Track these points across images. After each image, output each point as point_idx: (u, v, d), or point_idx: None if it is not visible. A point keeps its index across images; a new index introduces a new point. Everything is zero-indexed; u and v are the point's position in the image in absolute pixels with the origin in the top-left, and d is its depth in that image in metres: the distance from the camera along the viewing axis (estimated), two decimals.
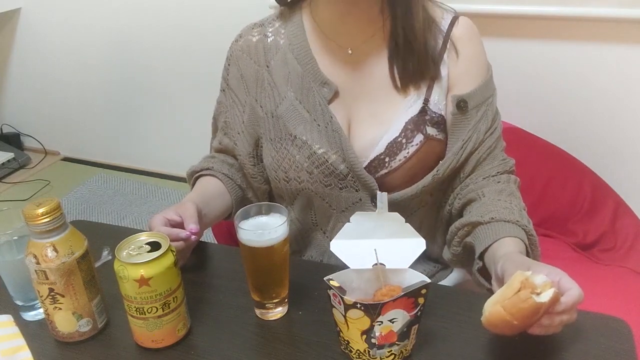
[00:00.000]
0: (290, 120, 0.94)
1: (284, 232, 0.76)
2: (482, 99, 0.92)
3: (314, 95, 0.93)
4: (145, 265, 0.69)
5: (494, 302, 0.65)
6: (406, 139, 0.90)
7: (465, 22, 0.94)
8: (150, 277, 0.70)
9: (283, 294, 0.80)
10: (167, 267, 0.71)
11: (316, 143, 0.92)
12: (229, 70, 1.02)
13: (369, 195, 0.93)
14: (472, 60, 0.93)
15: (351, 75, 0.93)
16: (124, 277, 0.70)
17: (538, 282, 0.65)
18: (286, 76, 0.95)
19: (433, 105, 0.91)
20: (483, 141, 0.93)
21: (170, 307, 0.73)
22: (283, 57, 0.96)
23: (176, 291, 0.73)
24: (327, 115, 0.92)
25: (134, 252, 0.72)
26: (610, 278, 1.38)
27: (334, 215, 0.98)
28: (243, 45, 0.99)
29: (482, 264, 0.85)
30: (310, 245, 1.05)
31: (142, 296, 0.71)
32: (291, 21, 0.97)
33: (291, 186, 0.97)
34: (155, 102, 2.63)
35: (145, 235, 0.74)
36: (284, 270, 0.79)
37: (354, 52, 0.93)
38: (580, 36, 1.66)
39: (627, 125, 1.72)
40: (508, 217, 0.85)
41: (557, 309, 0.66)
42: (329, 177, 0.93)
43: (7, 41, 2.78)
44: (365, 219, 0.77)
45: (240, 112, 1.00)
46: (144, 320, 0.73)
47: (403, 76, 0.91)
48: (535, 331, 0.68)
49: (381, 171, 0.92)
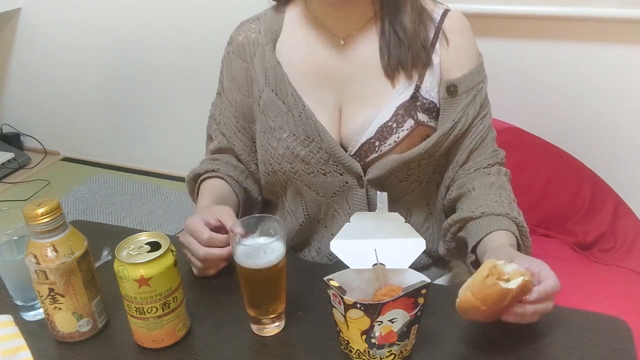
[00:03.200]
0: (269, 113, 0.97)
1: (281, 252, 0.75)
2: (472, 84, 0.94)
3: (286, 85, 0.95)
4: (145, 265, 0.69)
5: (464, 288, 0.69)
6: (397, 124, 0.92)
7: (456, 15, 0.96)
8: (150, 277, 0.70)
9: (280, 309, 0.78)
10: (167, 267, 0.71)
11: (293, 133, 0.94)
12: (223, 73, 1.04)
13: (355, 177, 0.95)
14: (463, 49, 0.95)
15: (344, 62, 0.95)
16: (124, 277, 0.70)
17: (507, 270, 0.68)
18: (264, 70, 0.97)
19: (425, 92, 0.93)
20: (473, 125, 0.95)
21: (170, 307, 0.73)
22: (262, 51, 0.98)
23: (176, 291, 0.73)
24: (300, 104, 0.94)
25: (134, 252, 0.72)
26: (610, 278, 1.38)
27: (324, 202, 1.00)
28: (234, 46, 1.02)
29: (475, 257, 0.88)
30: (309, 238, 1.06)
31: (142, 296, 0.71)
32: (276, 16, 0.99)
33: (278, 178, 1.00)
34: (156, 102, 2.63)
35: (145, 235, 0.74)
36: (280, 286, 0.77)
37: (346, 41, 0.95)
38: (580, 36, 1.66)
39: (627, 125, 1.72)
40: (498, 211, 0.87)
41: (530, 297, 0.69)
42: (310, 165, 0.95)
43: (7, 41, 2.78)
44: (365, 219, 0.77)
45: (233, 113, 1.03)
46: (143, 320, 0.72)
47: (392, 64, 0.92)
48: (509, 319, 0.71)
49: (371, 155, 0.94)
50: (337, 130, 0.96)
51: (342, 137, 0.96)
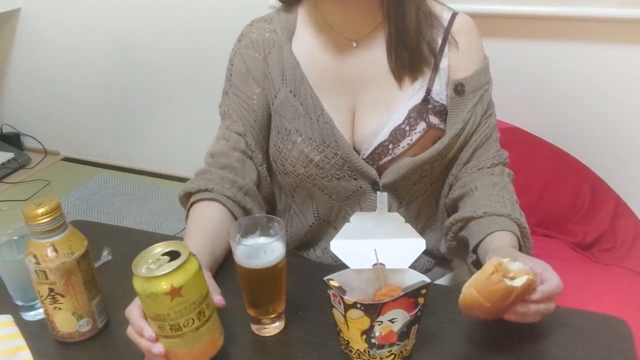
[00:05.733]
0: (285, 114, 0.96)
1: (281, 252, 0.74)
2: (479, 84, 0.95)
3: (306, 88, 0.94)
4: (173, 274, 0.64)
5: (468, 285, 0.69)
6: (409, 127, 0.92)
7: (464, 18, 0.97)
8: (181, 286, 0.64)
9: (280, 309, 0.78)
10: (194, 272, 0.66)
11: (309, 137, 0.94)
12: (232, 69, 1.00)
13: (369, 182, 0.95)
14: (470, 50, 0.96)
15: (356, 66, 0.95)
16: (152, 293, 0.63)
17: (513, 268, 0.68)
18: (281, 70, 0.96)
19: (435, 94, 0.94)
20: (480, 124, 0.95)
21: (205, 316, 0.68)
22: (279, 51, 0.97)
23: (207, 297, 0.68)
24: (319, 108, 0.94)
25: (154, 265, 0.65)
26: (610, 278, 1.38)
27: (336, 206, 1.00)
28: (247, 42, 0.99)
29: (476, 257, 0.88)
30: (317, 238, 1.06)
31: (175, 310, 0.64)
32: (289, 16, 0.98)
33: (290, 179, 0.99)
34: (156, 102, 2.63)
35: (160, 246, 0.68)
36: (280, 285, 0.77)
37: (358, 44, 0.95)
38: (580, 36, 1.66)
39: (627, 125, 1.72)
40: (500, 211, 0.87)
41: (533, 297, 0.69)
42: (324, 169, 0.94)
43: (7, 41, 2.78)
44: (365, 219, 0.77)
45: (251, 105, 0.97)
46: (181, 337, 0.66)
47: (399, 68, 0.93)
48: (511, 317, 0.71)
49: (385, 158, 0.94)
50: (350, 133, 0.95)
51: (355, 140, 0.96)
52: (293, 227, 1.05)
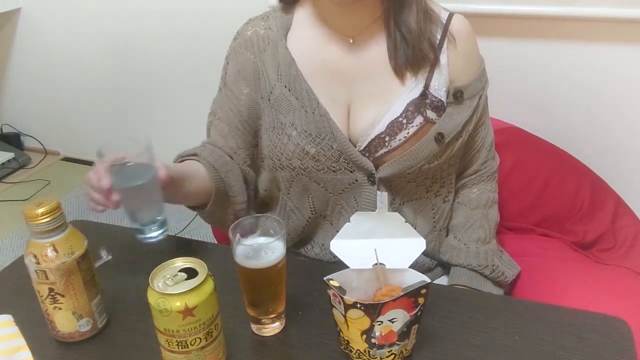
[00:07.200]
0: (280, 108, 0.97)
1: (281, 252, 0.75)
2: (476, 90, 0.99)
3: (301, 82, 0.95)
4: (188, 294, 0.64)
5: None
6: (407, 120, 0.93)
7: (461, 19, 0.98)
8: (194, 307, 0.64)
9: (280, 309, 0.78)
10: (209, 294, 0.66)
11: (304, 129, 0.95)
12: (227, 69, 1.03)
13: (365, 174, 0.96)
14: (470, 55, 0.99)
15: (353, 61, 0.96)
16: (166, 309, 0.64)
17: None
18: (276, 66, 0.97)
19: (433, 90, 0.95)
20: (477, 127, 1.01)
21: (212, 336, 0.69)
22: (274, 47, 0.98)
23: (217, 318, 0.69)
24: (314, 101, 0.95)
25: (170, 282, 0.66)
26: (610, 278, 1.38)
27: (332, 199, 1.00)
28: (240, 41, 1.01)
29: None
30: (314, 234, 1.06)
31: (185, 328, 0.65)
32: (286, 14, 1.00)
33: (285, 173, 1.00)
34: (156, 102, 2.63)
35: (180, 261, 0.69)
36: (280, 285, 0.77)
37: (355, 40, 0.96)
38: (580, 36, 1.66)
39: (627, 125, 1.72)
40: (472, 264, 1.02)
41: None
42: (320, 162, 0.95)
43: (7, 41, 2.78)
44: (365, 219, 0.77)
45: (237, 106, 1.01)
46: (186, 354, 0.67)
47: (399, 63, 0.94)
48: None
49: (381, 150, 0.95)
50: (346, 126, 0.96)
51: (351, 133, 0.96)
52: (290, 224, 1.06)
